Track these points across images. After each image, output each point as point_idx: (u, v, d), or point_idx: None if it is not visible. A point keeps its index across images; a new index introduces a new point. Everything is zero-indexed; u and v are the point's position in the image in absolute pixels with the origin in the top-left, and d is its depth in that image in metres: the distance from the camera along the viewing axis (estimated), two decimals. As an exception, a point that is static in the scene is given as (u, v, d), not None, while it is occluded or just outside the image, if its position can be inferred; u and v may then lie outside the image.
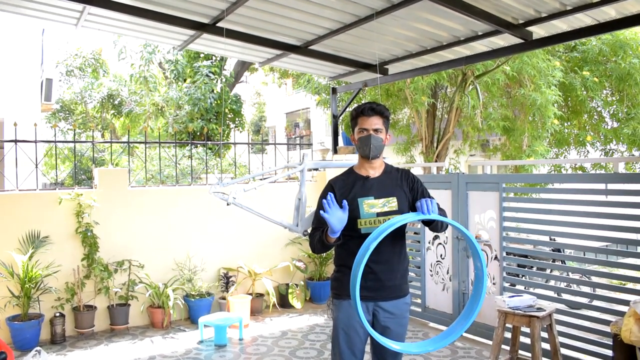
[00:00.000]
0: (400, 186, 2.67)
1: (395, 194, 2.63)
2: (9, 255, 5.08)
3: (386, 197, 2.62)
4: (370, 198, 2.60)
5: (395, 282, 2.64)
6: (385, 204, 2.60)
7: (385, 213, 2.58)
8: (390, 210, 2.59)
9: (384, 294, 2.61)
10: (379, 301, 2.61)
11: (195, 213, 6.09)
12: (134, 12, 4.72)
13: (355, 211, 2.56)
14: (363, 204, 2.58)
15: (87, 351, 4.96)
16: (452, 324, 2.56)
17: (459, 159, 9.17)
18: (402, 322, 2.69)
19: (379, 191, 2.62)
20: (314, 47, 5.70)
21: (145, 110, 12.69)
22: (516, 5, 4.24)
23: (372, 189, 2.62)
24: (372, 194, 2.61)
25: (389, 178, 2.68)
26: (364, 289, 2.50)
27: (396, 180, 2.68)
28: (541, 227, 4.74)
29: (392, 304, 2.64)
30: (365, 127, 2.62)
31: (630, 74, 7.54)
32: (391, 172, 2.72)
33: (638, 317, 3.25)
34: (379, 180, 2.66)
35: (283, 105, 27.36)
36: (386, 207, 2.59)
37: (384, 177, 2.68)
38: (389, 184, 2.66)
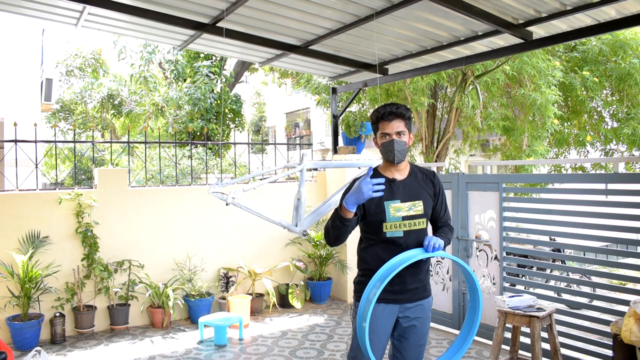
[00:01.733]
0: (425, 189, 2.65)
1: (421, 198, 2.61)
2: (9, 255, 5.08)
3: (412, 200, 2.59)
4: (397, 201, 2.56)
5: (419, 285, 2.65)
6: (411, 208, 2.58)
7: (411, 217, 2.57)
8: (416, 214, 2.58)
9: (408, 296, 2.62)
10: (405, 303, 2.63)
11: (195, 213, 6.09)
12: (134, 12, 4.72)
13: (381, 214, 2.55)
14: (389, 207, 2.56)
15: (87, 351, 4.96)
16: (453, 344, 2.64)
17: (459, 159, 9.18)
18: (426, 322, 2.71)
19: (405, 194, 2.59)
20: (314, 47, 5.70)
21: (145, 111, 12.69)
22: (516, 5, 4.24)
23: (398, 192, 2.58)
24: (398, 197, 2.57)
25: (415, 180, 2.64)
26: (390, 292, 2.56)
27: (422, 182, 2.65)
28: (541, 227, 4.74)
29: (417, 305, 2.65)
30: (387, 131, 2.55)
31: (630, 74, 7.53)
32: (417, 175, 2.67)
33: (638, 317, 3.25)
34: (406, 183, 2.62)
35: (283, 105, 27.36)
36: (412, 211, 2.58)
37: (410, 179, 2.64)
38: (415, 186, 2.63)
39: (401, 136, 2.54)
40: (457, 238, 5.22)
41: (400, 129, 2.54)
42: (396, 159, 2.55)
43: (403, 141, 2.55)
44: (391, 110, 2.53)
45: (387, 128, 2.53)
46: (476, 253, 5.10)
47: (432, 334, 5.34)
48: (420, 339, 2.68)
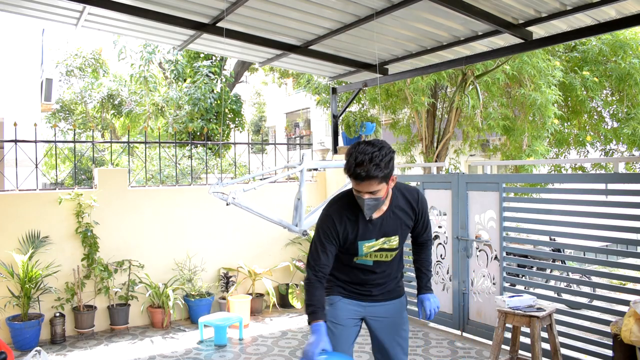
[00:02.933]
0: (404, 221, 2.51)
1: (398, 233, 2.50)
2: (9, 255, 5.08)
3: (388, 236, 2.48)
4: (372, 240, 2.46)
5: (387, 290, 2.64)
6: (385, 242, 2.49)
7: (384, 249, 2.50)
8: (390, 248, 2.50)
9: (375, 299, 2.63)
10: (371, 302, 2.62)
11: (195, 213, 6.09)
12: (134, 12, 4.72)
13: (353, 250, 2.48)
14: (363, 246, 2.47)
15: (87, 351, 4.96)
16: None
17: (459, 159, 9.18)
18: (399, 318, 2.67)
19: (381, 232, 2.46)
20: (314, 47, 5.70)
21: (145, 111, 12.69)
22: (516, 5, 4.24)
23: (374, 231, 2.45)
24: (373, 236, 2.46)
25: (394, 214, 2.47)
26: (355, 294, 2.60)
27: (401, 214, 2.49)
28: (541, 227, 4.74)
29: (386, 304, 2.64)
30: (357, 189, 2.31)
31: (630, 74, 7.53)
32: (398, 204, 2.48)
33: (638, 317, 3.25)
34: (383, 219, 2.45)
35: (283, 105, 27.35)
36: (386, 245, 2.49)
37: (388, 214, 2.46)
38: (393, 222, 2.48)
39: (374, 194, 2.28)
40: (457, 238, 5.22)
41: (372, 189, 2.26)
42: (366, 216, 2.38)
43: (376, 198, 2.30)
44: (359, 173, 2.22)
45: (357, 187, 2.30)
46: (476, 253, 5.10)
47: (432, 334, 5.35)
48: (397, 332, 2.64)
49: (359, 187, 2.28)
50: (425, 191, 5.64)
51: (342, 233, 2.43)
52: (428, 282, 2.70)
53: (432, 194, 5.58)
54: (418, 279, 2.75)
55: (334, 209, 2.47)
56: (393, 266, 2.60)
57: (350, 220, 2.43)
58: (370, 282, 2.58)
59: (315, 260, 2.44)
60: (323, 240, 2.44)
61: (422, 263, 2.73)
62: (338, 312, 2.58)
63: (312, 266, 2.44)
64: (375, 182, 2.24)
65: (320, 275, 2.43)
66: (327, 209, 2.50)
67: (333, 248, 2.44)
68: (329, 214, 2.47)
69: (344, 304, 2.59)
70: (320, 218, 2.50)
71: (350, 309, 2.60)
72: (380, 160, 2.21)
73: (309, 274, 2.45)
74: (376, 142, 2.28)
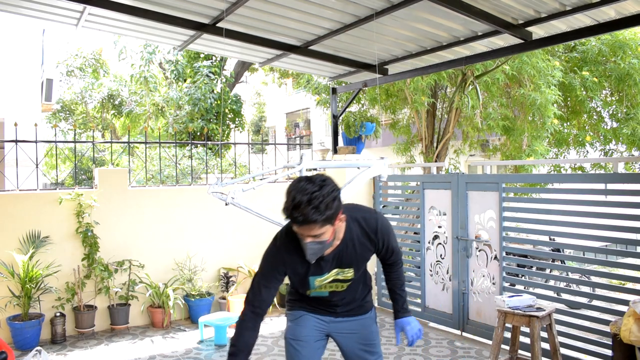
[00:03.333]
0: (361, 254, 2.28)
1: (353, 265, 2.28)
2: (10, 255, 5.09)
3: (342, 268, 2.28)
4: (324, 275, 2.27)
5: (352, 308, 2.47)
6: (339, 273, 2.29)
7: (338, 280, 2.31)
8: (344, 279, 2.31)
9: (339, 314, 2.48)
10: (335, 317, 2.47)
11: (195, 213, 6.09)
12: (134, 12, 4.73)
13: (304, 284, 2.31)
14: (314, 281, 2.29)
15: (88, 351, 4.96)
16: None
17: (459, 159, 9.17)
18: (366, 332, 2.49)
19: (334, 266, 2.26)
20: (313, 47, 5.71)
21: (146, 111, 12.70)
22: (516, 6, 4.25)
23: (326, 267, 2.25)
24: (326, 270, 2.25)
25: (347, 250, 2.23)
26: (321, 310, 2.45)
27: (358, 247, 2.25)
28: (541, 227, 4.75)
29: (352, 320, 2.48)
30: (299, 232, 2.06)
31: (630, 74, 7.53)
32: (353, 240, 2.23)
33: (637, 316, 3.25)
34: (336, 253, 2.23)
35: (283, 105, 27.36)
36: (340, 276, 2.30)
37: (343, 249, 2.23)
38: (347, 255, 2.25)
39: (318, 237, 2.04)
40: (457, 238, 5.22)
41: (313, 233, 2.01)
42: (310, 260, 2.15)
43: (320, 241, 2.05)
44: (296, 217, 1.97)
45: (299, 230, 2.05)
46: (476, 253, 5.11)
47: (432, 334, 5.35)
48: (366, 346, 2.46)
49: (300, 229, 2.03)
50: (425, 191, 5.65)
51: (290, 270, 2.23)
52: (404, 304, 2.48)
53: (432, 194, 5.59)
54: (393, 302, 2.51)
55: (282, 243, 2.23)
56: (355, 290, 2.42)
57: (300, 256, 2.18)
58: (332, 305, 2.43)
59: (256, 295, 2.23)
60: (267, 275, 2.24)
61: (394, 283, 2.49)
62: (301, 329, 2.43)
63: (251, 301, 2.24)
64: (316, 226, 1.98)
65: (258, 312, 2.23)
66: (275, 242, 2.27)
67: (277, 284, 2.25)
68: (276, 248, 2.25)
69: (309, 318, 2.44)
70: (266, 252, 2.28)
71: (314, 323, 2.44)
72: (320, 202, 1.94)
73: (245, 309, 2.25)
74: (317, 179, 2.00)
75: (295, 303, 2.50)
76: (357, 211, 2.29)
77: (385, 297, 6.33)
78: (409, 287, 6.14)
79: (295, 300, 2.49)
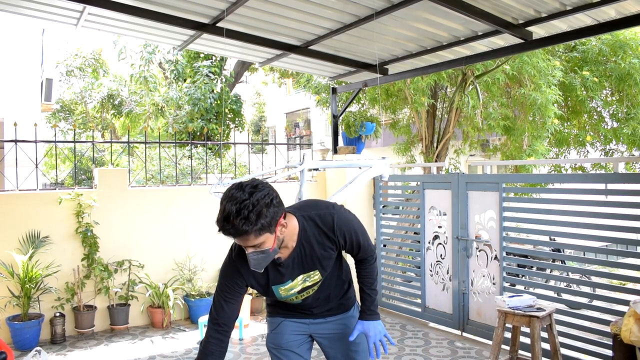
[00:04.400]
0: (321, 254, 2.13)
1: (317, 267, 2.15)
2: (9, 255, 5.08)
3: (305, 273, 2.15)
4: (287, 282, 2.15)
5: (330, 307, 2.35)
6: (306, 279, 2.17)
7: (307, 287, 2.21)
8: (312, 284, 2.20)
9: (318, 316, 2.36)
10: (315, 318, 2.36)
11: (195, 213, 6.09)
12: (134, 12, 4.72)
13: (270, 294, 2.22)
14: (279, 290, 2.19)
15: (87, 351, 4.96)
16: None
17: (459, 159, 9.16)
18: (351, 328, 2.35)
19: (295, 271, 2.14)
20: (314, 47, 5.70)
21: (145, 111, 12.69)
22: (516, 5, 4.24)
23: (287, 274, 2.13)
24: (287, 278, 2.14)
25: (305, 251, 2.11)
26: (299, 313, 2.34)
27: (317, 247, 2.12)
28: (541, 227, 4.74)
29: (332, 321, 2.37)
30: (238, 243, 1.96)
31: (630, 74, 7.52)
32: (309, 240, 2.10)
33: (638, 317, 3.25)
34: (294, 257, 2.11)
35: (283, 105, 27.37)
36: (308, 282, 2.18)
37: (299, 250, 2.10)
38: (307, 257, 2.12)
39: (259, 246, 1.91)
40: (457, 238, 5.22)
41: (251, 243, 1.89)
42: (257, 270, 2.02)
43: (262, 251, 1.92)
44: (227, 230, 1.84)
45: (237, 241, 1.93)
46: (476, 253, 5.10)
47: (432, 334, 5.35)
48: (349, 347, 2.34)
49: (238, 241, 1.90)
50: (425, 191, 5.64)
51: (250, 281, 2.12)
52: (372, 305, 2.27)
53: (432, 194, 5.59)
54: (361, 301, 2.32)
55: (238, 254, 2.09)
56: (329, 286, 2.28)
57: None
58: (308, 307, 2.31)
59: (218, 311, 2.11)
60: (226, 288, 2.12)
61: (363, 281, 2.30)
62: (281, 336, 2.34)
63: (214, 318, 2.12)
64: (251, 237, 1.85)
65: (223, 329, 2.11)
66: (230, 254, 2.15)
67: (238, 297, 2.13)
68: (232, 261, 2.12)
69: (287, 323, 2.35)
70: (223, 265, 2.16)
71: (293, 328, 2.35)
72: (249, 212, 1.80)
73: (209, 330, 2.12)
74: (247, 186, 1.87)
75: (272, 308, 2.41)
76: (312, 209, 2.14)
77: (386, 297, 6.33)
78: (409, 287, 6.13)
79: (272, 305, 2.41)
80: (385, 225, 6.41)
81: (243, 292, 2.16)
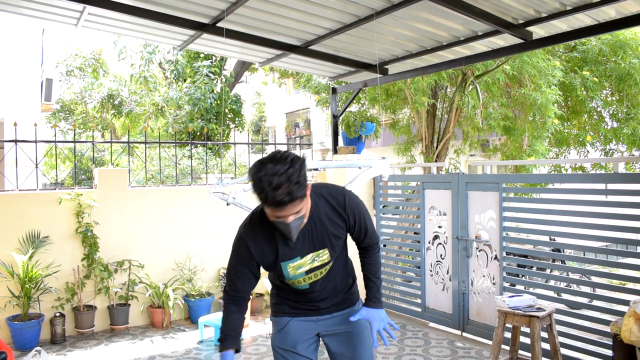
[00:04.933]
0: (331, 231, 2.16)
1: (326, 245, 2.17)
2: (9, 255, 5.08)
3: (315, 250, 2.16)
4: (296, 259, 2.15)
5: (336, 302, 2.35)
6: (314, 259, 2.18)
7: (315, 268, 2.20)
8: (320, 264, 2.20)
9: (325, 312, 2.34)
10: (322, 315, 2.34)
11: (195, 213, 6.09)
12: (134, 12, 4.72)
13: (278, 272, 2.21)
14: (287, 267, 2.18)
15: (87, 351, 4.96)
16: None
17: (459, 159, 9.16)
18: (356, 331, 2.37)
19: (305, 248, 2.15)
20: (314, 47, 5.70)
21: (145, 111, 12.70)
22: (516, 5, 4.24)
23: (296, 249, 2.14)
24: (297, 254, 2.14)
25: (318, 224, 2.14)
26: (305, 310, 2.33)
27: (327, 223, 2.15)
28: (541, 227, 4.74)
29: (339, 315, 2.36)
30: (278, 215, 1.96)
31: (630, 74, 7.52)
32: (320, 216, 2.14)
33: (638, 317, 3.25)
34: (305, 233, 2.12)
35: (283, 105, 27.36)
36: (316, 262, 2.19)
37: (310, 226, 2.13)
38: (317, 233, 2.14)
39: (299, 212, 1.97)
40: (457, 238, 5.22)
41: (296, 209, 1.95)
42: (293, 239, 2.06)
43: (300, 216, 2.00)
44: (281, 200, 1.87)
45: (279, 212, 1.94)
46: (476, 253, 5.10)
47: (432, 334, 5.35)
48: (355, 345, 2.34)
49: (282, 212, 1.93)
50: (425, 191, 5.64)
51: (259, 256, 2.16)
52: (377, 293, 2.31)
53: (432, 194, 5.59)
54: (366, 289, 2.34)
55: (247, 230, 2.18)
56: (335, 277, 2.30)
57: (266, 241, 2.14)
58: (314, 299, 2.31)
59: (231, 285, 2.23)
60: (237, 265, 2.20)
61: (369, 269, 2.35)
62: (287, 336, 2.32)
63: (228, 291, 2.24)
64: (299, 202, 1.93)
65: (238, 298, 2.22)
66: (240, 231, 2.21)
67: (249, 272, 2.19)
68: (241, 237, 2.19)
69: (295, 323, 2.33)
70: (234, 241, 2.24)
71: (302, 327, 2.33)
72: (298, 177, 1.88)
73: (225, 298, 2.25)
74: (281, 156, 1.91)
75: (277, 307, 2.38)
76: (322, 188, 2.21)
77: (386, 297, 6.33)
78: (409, 287, 6.13)
79: (278, 303, 2.38)
80: (385, 225, 6.42)
81: (255, 269, 2.20)
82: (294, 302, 2.34)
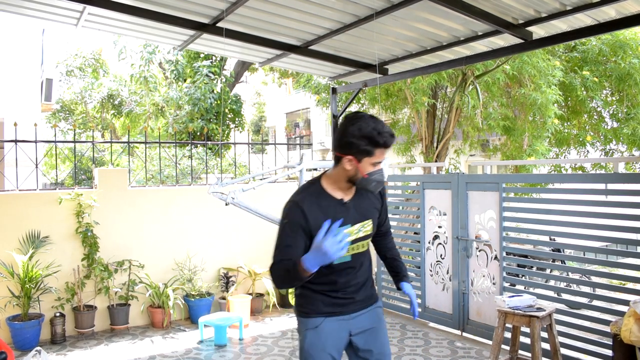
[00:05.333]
0: (374, 205, 2.35)
1: (370, 216, 2.31)
2: (9, 255, 5.08)
3: (362, 221, 2.26)
4: (347, 227, 2.19)
5: (367, 294, 2.39)
6: (360, 229, 2.26)
7: (359, 239, 2.26)
8: (364, 235, 2.28)
9: (358, 306, 2.35)
10: (354, 312, 2.33)
11: (195, 213, 6.09)
12: (134, 12, 4.71)
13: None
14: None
15: (87, 351, 4.96)
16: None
17: (459, 159, 9.16)
18: (383, 328, 2.44)
19: (355, 217, 2.24)
20: (314, 47, 5.70)
21: (145, 111, 12.70)
22: (516, 5, 4.24)
23: (348, 216, 2.21)
24: (349, 221, 2.21)
25: (363, 198, 2.29)
26: (337, 306, 2.29)
27: (370, 198, 2.33)
28: (541, 227, 4.74)
29: (369, 311, 2.39)
30: (381, 160, 2.14)
31: (630, 74, 7.53)
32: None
33: (638, 317, 3.25)
34: (355, 203, 2.26)
35: (283, 105, 27.37)
36: (361, 232, 2.26)
37: (358, 197, 2.28)
38: (364, 205, 2.29)
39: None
40: (457, 238, 5.22)
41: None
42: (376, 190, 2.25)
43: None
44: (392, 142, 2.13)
45: (383, 155, 2.15)
46: (476, 253, 5.10)
47: (432, 333, 5.35)
48: (382, 344, 2.38)
49: (383, 155, 2.14)
50: (425, 191, 5.64)
51: (313, 221, 2.11)
52: (406, 270, 2.57)
53: (432, 194, 5.59)
54: (397, 269, 2.53)
55: (302, 197, 2.19)
56: (367, 257, 2.40)
57: (321, 207, 2.16)
58: (351, 283, 2.30)
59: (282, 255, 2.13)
60: (289, 232, 2.14)
61: (393, 252, 2.56)
62: (321, 342, 2.26)
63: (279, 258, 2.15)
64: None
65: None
66: (293, 198, 2.22)
67: (302, 242, 2.12)
68: (295, 202, 2.17)
69: (329, 326, 2.27)
70: (285, 209, 2.19)
71: (335, 327, 2.29)
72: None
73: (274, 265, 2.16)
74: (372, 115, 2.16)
75: (310, 307, 2.29)
76: None
77: (386, 297, 6.33)
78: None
79: (310, 303, 2.30)
80: (385, 225, 6.40)
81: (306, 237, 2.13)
82: (330, 296, 2.28)
